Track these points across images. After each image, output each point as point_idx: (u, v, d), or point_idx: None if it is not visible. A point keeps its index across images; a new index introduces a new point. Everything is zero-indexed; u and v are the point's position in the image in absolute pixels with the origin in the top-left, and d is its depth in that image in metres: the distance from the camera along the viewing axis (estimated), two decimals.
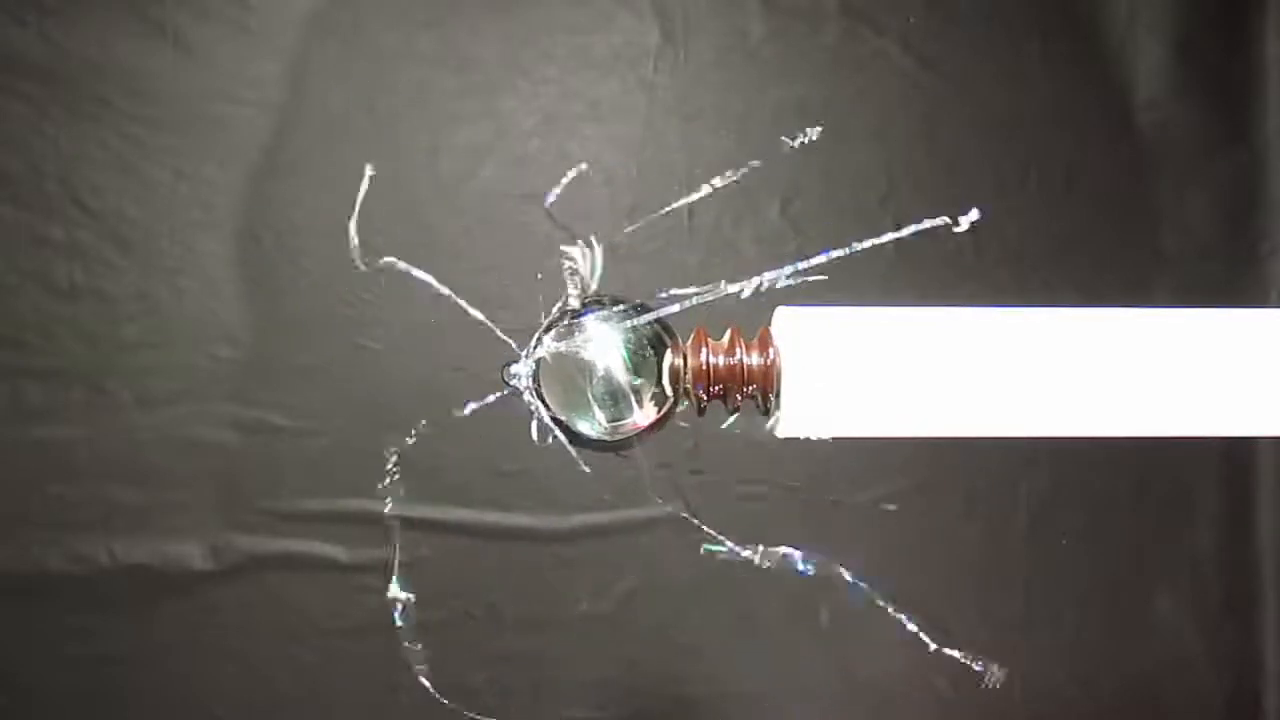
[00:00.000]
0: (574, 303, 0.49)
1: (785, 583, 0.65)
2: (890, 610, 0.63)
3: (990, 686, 0.58)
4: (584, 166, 0.53)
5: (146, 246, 0.61)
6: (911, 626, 0.64)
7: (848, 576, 0.60)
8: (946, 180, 0.65)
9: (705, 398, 0.45)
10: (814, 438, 0.49)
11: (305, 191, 0.62)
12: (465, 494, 0.63)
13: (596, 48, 0.63)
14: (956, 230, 0.55)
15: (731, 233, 0.64)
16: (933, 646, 0.64)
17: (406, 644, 0.60)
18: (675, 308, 0.59)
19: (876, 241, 0.55)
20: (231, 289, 0.62)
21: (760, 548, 0.62)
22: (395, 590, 0.61)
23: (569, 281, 0.50)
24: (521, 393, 0.58)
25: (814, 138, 0.51)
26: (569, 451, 0.62)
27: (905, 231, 0.47)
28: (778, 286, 0.58)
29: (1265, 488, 0.68)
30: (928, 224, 0.51)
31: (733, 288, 0.49)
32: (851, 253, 0.52)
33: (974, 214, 0.48)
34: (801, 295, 0.62)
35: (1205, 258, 0.67)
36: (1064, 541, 0.67)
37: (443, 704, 0.64)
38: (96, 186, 0.61)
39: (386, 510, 0.62)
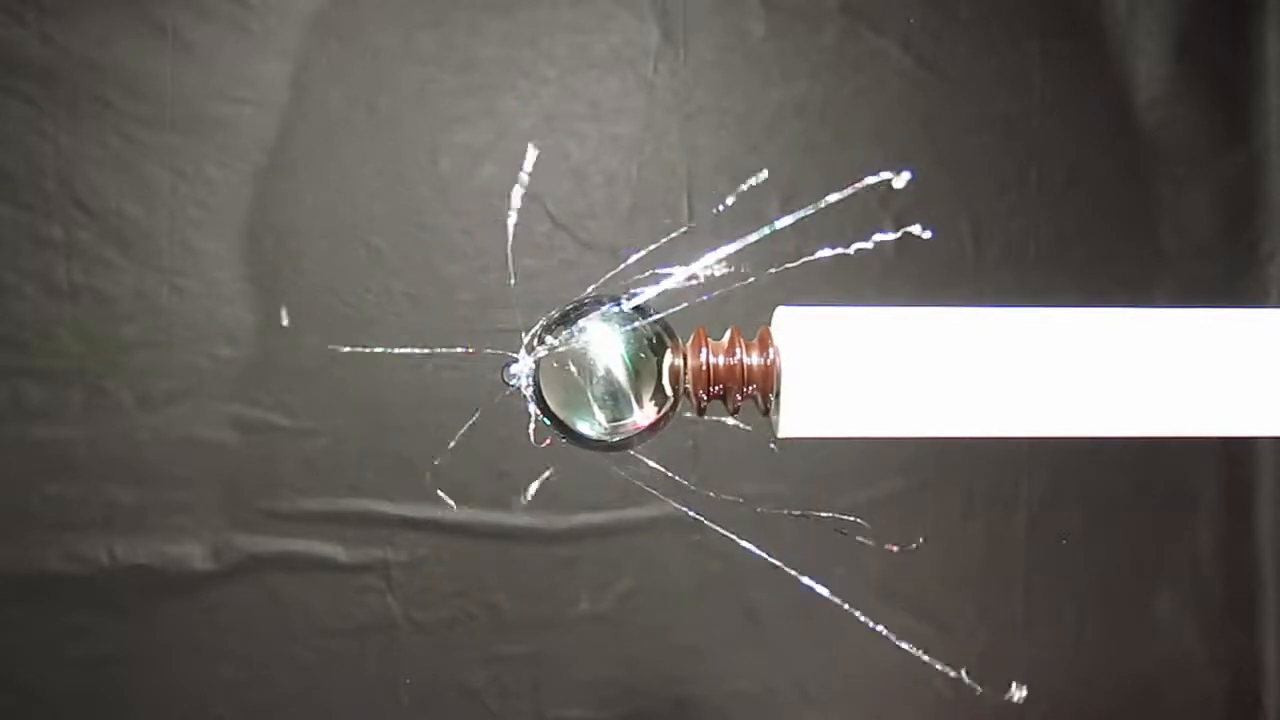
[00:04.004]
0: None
1: (785, 583, 0.65)
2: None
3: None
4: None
5: (146, 246, 0.61)
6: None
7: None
8: (947, 180, 0.65)
9: (705, 398, 0.45)
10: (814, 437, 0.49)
11: (305, 191, 0.62)
12: (465, 494, 0.63)
13: (596, 48, 0.63)
14: (896, 186, 0.55)
15: (731, 232, 0.64)
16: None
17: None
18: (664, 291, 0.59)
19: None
20: (231, 289, 0.62)
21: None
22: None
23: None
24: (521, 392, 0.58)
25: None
26: (569, 451, 0.62)
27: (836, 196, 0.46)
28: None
29: (1265, 488, 0.68)
30: (868, 181, 0.50)
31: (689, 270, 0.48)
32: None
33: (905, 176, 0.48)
34: (802, 295, 0.62)
35: (1205, 258, 0.67)
36: (1064, 541, 0.67)
37: (441, 704, 0.64)
38: (96, 186, 0.61)
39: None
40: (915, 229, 0.59)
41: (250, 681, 0.63)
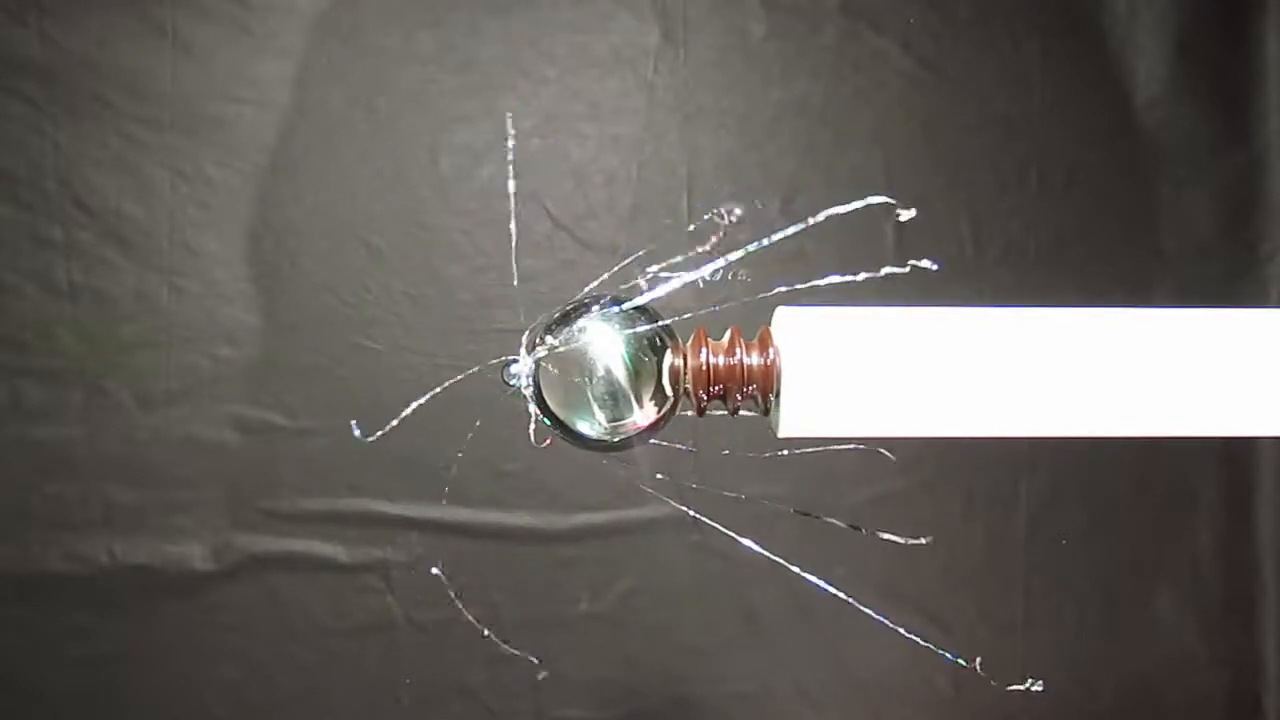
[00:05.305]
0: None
1: (785, 583, 0.65)
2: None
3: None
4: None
5: (146, 246, 0.61)
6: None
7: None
8: (946, 180, 0.65)
9: (705, 398, 0.45)
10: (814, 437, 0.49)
11: (305, 191, 0.62)
12: (465, 494, 0.63)
13: (596, 48, 0.63)
14: (901, 219, 0.55)
15: (732, 232, 0.64)
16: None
17: None
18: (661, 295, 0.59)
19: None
20: (231, 289, 0.62)
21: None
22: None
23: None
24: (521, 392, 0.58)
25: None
26: (569, 451, 0.62)
27: (821, 216, 0.47)
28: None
29: (1265, 488, 0.68)
30: (870, 202, 0.51)
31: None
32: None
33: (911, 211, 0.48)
34: (801, 295, 0.62)
35: (1205, 258, 0.67)
36: (1064, 542, 0.67)
37: (441, 704, 0.64)
38: (96, 186, 0.61)
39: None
40: (925, 263, 0.59)
41: (250, 681, 0.63)
